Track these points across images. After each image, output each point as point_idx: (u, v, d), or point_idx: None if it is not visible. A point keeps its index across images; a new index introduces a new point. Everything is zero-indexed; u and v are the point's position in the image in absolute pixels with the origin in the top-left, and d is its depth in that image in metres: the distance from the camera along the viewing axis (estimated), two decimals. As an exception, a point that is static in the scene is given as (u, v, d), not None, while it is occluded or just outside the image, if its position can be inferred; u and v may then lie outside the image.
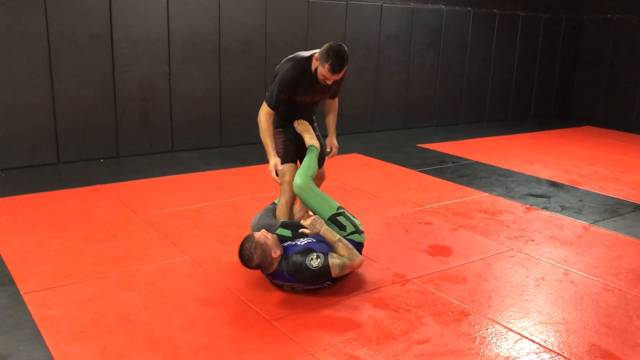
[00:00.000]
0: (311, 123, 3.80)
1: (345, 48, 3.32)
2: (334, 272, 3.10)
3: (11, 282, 3.26)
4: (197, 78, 6.62)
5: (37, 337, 2.72)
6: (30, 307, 2.98)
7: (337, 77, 3.36)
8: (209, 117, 6.83)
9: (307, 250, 3.12)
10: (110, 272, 3.42)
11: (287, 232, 3.37)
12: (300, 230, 3.30)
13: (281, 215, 3.63)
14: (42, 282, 3.25)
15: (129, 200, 4.75)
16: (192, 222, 4.31)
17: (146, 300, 3.09)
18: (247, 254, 3.06)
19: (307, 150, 3.64)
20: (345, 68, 3.34)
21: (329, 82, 3.42)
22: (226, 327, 2.86)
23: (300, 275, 3.07)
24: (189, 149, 6.74)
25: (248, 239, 3.10)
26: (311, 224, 3.23)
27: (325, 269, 3.07)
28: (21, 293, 3.12)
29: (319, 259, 3.06)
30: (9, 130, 5.59)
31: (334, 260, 3.10)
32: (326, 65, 3.28)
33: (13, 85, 5.53)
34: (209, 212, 4.54)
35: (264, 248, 3.06)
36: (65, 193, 4.92)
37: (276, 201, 3.80)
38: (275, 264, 3.13)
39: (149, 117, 6.42)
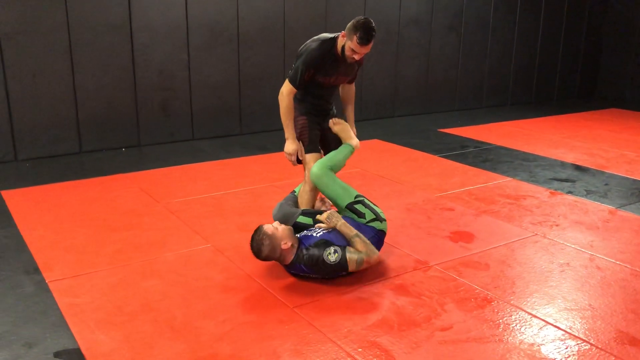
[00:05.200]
0: (329, 106, 3.78)
1: (372, 21, 3.33)
2: (351, 267, 3.09)
3: (37, 270, 3.31)
4: (216, 66, 6.62)
5: (62, 324, 2.76)
6: (55, 295, 3.03)
7: (366, 49, 3.36)
8: (228, 104, 6.83)
9: (323, 243, 3.10)
10: (133, 260, 3.45)
11: (308, 220, 3.36)
12: (316, 226, 3.28)
13: (303, 203, 3.62)
14: (67, 271, 3.30)
15: (150, 189, 4.78)
16: (213, 210, 4.32)
17: (168, 288, 3.12)
18: (256, 246, 3.08)
19: (342, 146, 3.60)
20: (373, 41, 3.35)
21: (357, 58, 3.42)
22: (248, 314, 2.87)
23: (317, 268, 3.07)
24: (209, 137, 6.76)
25: (257, 230, 3.11)
26: (327, 217, 3.21)
27: (342, 263, 3.05)
28: (47, 281, 3.17)
29: (336, 254, 3.04)
30: (31, 120, 5.66)
31: (351, 255, 3.08)
32: (354, 38, 3.29)
33: (35, 76, 5.59)
34: (230, 200, 4.55)
35: (271, 239, 3.05)
36: (88, 182, 4.98)
37: (296, 190, 3.79)
38: (289, 256, 3.12)
39: (169, 105, 6.45)
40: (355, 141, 3.59)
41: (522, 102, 9.93)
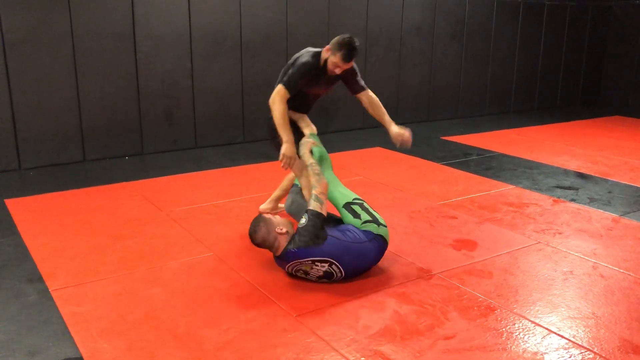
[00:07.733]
0: (308, 112, 4.01)
1: (356, 40, 3.56)
2: (322, 209, 3.25)
3: (40, 279, 3.31)
4: (219, 74, 6.65)
5: (65, 333, 2.76)
6: (58, 303, 3.03)
7: (347, 66, 3.58)
8: (231, 112, 6.85)
9: None
10: (136, 269, 3.46)
11: None
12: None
13: (305, 188, 3.71)
14: (70, 279, 3.31)
15: (153, 197, 4.79)
16: (216, 218, 4.33)
17: (171, 296, 3.12)
18: (252, 228, 3.25)
19: (310, 137, 3.76)
20: (355, 58, 3.58)
21: (338, 72, 3.63)
22: (250, 322, 2.87)
23: (304, 240, 3.13)
24: (213, 145, 6.78)
25: (256, 217, 3.30)
26: (300, 143, 3.51)
27: (313, 214, 3.21)
28: (50, 290, 3.18)
29: (304, 216, 3.24)
30: (36, 129, 5.69)
31: (312, 204, 3.26)
32: (338, 55, 3.52)
33: (39, 85, 5.63)
34: (233, 208, 4.56)
35: (267, 223, 3.22)
36: (92, 191, 4.99)
37: (296, 182, 3.95)
38: (283, 243, 3.19)
39: (173, 114, 6.47)
40: (311, 128, 3.85)
41: (525, 109, 9.93)
